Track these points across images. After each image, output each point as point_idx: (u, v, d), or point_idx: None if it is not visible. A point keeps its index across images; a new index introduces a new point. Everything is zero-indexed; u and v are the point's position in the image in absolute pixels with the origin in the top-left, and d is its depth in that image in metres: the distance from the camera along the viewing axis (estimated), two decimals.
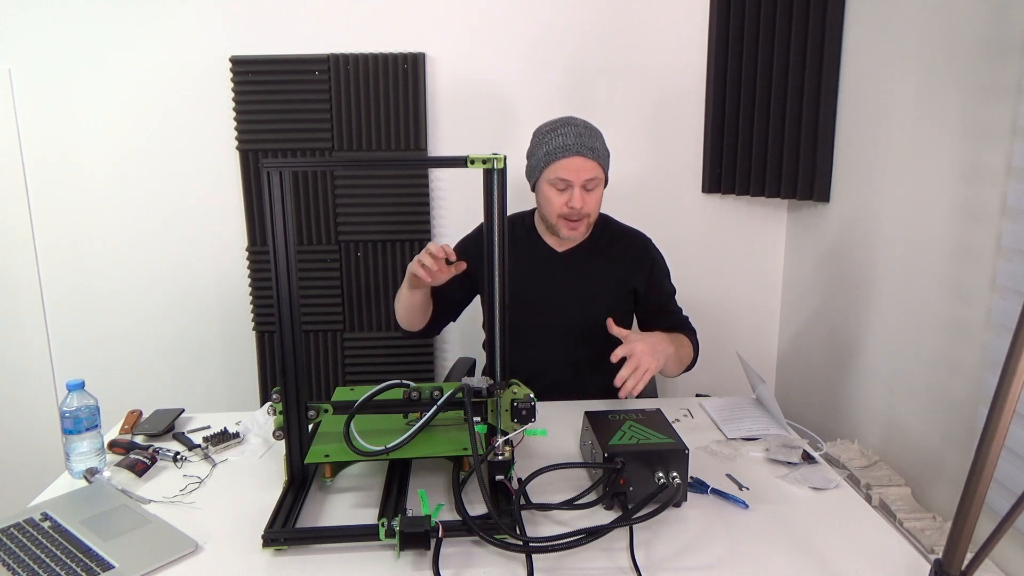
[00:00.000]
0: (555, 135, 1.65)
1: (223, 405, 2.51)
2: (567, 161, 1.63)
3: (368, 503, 1.29)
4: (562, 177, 1.64)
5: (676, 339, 1.69)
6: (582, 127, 1.66)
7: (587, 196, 1.66)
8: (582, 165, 1.63)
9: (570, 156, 1.62)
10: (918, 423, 1.69)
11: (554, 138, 1.65)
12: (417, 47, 2.29)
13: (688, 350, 1.75)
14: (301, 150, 2.33)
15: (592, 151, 1.63)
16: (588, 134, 1.65)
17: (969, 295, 1.51)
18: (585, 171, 1.63)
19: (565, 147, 1.63)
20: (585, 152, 1.62)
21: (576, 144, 1.62)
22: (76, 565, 1.09)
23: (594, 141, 1.65)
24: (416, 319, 1.73)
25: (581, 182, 1.64)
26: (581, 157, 1.62)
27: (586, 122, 1.69)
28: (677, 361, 1.70)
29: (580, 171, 1.63)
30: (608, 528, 1.13)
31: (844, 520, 1.23)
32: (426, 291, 1.66)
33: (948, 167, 1.58)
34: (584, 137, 1.64)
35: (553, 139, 1.65)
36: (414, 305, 1.67)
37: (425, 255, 1.47)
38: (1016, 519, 0.77)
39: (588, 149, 1.63)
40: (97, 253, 2.41)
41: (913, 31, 1.72)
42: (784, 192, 2.22)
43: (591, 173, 1.64)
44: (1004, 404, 0.78)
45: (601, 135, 1.69)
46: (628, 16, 2.30)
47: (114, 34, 2.26)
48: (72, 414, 1.37)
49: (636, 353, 1.49)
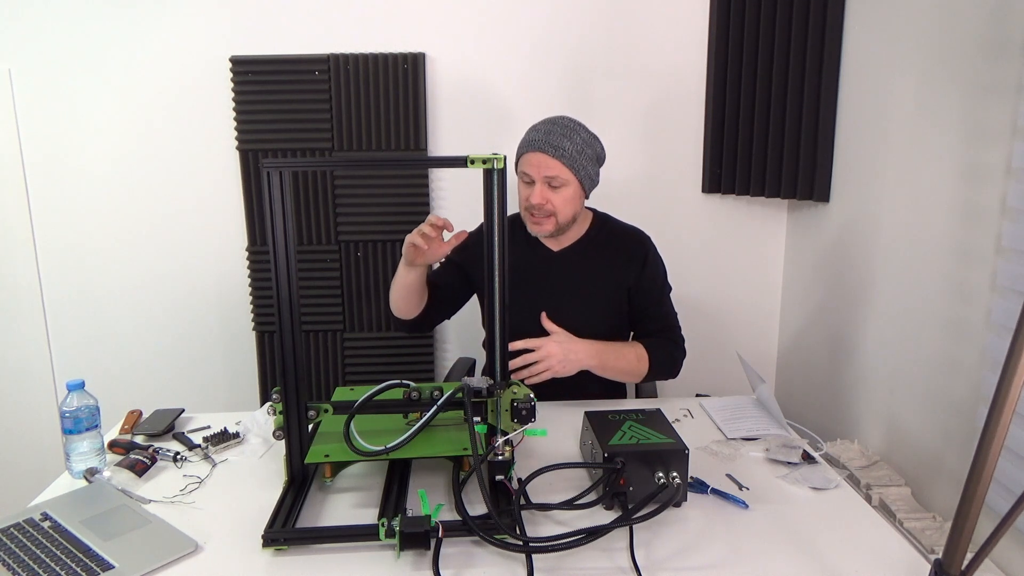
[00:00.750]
0: (530, 131, 1.69)
1: (223, 405, 2.51)
2: (529, 155, 1.66)
3: (368, 503, 1.29)
4: (524, 171, 1.68)
5: (613, 348, 1.68)
6: (558, 126, 1.66)
7: (551, 194, 1.66)
8: (541, 161, 1.64)
9: (533, 151, 1.65)
10: (918, 423, 1.69)
11: (528, 134, 1.68)
12: (417, 47, 2.29)
13: (628, 363, 1.70)
14: (301, 150, 2.33)
15: (555, 149, 1.63)
16: (559, 132, 1.64)
17: (969, 295, 1.51)
18: (545, 167, 1.64)
19: (530, 142, 1.66)
20: (547, 149, 1.63)
21: (541, 140, 1.64)
22: (76, 565, 1.09)
23: (563, 140, 1.64)
24: (411, 302, 1.72)
25: (541, 178, 1.65)
26: (542, 153, 1.63)
27: (570, 123, 1.67)
28: (618, 373, 1.70)
29: (540, 167, 1.64)
30: (608, 528, 1.13)
31: (844, 520, 1.23)
32: (422, 274, 1.67)
33: (948, 167, 1.58)
34: (552, 135, 1.64)
35: (527, 135, 1.69)
36: (410, 285, 1.67)
37: (425, 224, 1.49)
38: (1016, 519, 0.77)
39: (551, 147, 1.63)
40: (97, 253, 2.41)
41: (913, 31, 1.72)
42: (784, 192, 2.22)
43: (552, 171, 1.64)
44: (1004, 404, 0.78)
45: (581, 137, 1.66)
46: (628, 16, 2.30)
47: (114, 34, 2.26)
48: (72, 414, 1.37)
49: (543, 354, 1.56)
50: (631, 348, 1.72)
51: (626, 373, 1.72)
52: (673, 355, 1.78)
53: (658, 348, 1.74)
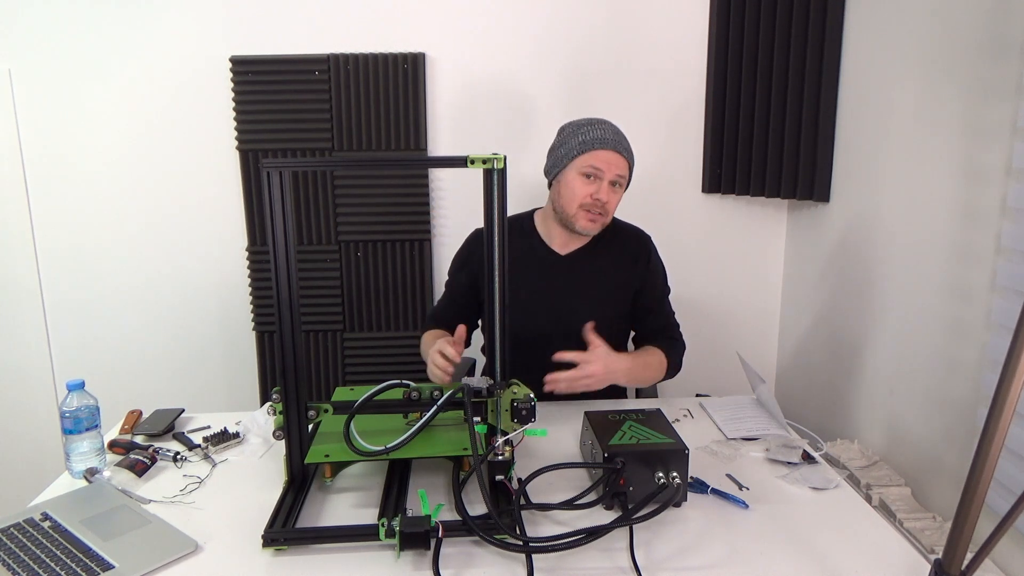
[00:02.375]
0: (592, 128, 1.68)
1: (223, 405, 2.51)
2: (604, 153, 1.66)
3: (368, 503, 1.29)
4: (596, 166, 1.66)
5: (641, 360, 1.71)
6: (616, 128, 1.71)
7: (612, 192, 1.69)
8: (616, 160, 1.67)
9: (607, 149, 1.66)
10: (918, 423, 1.69)
11: (591, 131, 1.68)
12: (417, 47, 2.29)
13: (653, 371, 1.73)
14: (301, 150, 2.33)
15: (627, 151, 1.69)
16: (621, 134, 1.71)
17: (969, 295, 1.51)
18: (617, 167, 1.67)
19: (603, 140, 1.66)
20: (621, 150, 1.68)
21: (613, 140, 1.67)
22: (76, 565, 1.09)
23: (627, 142, 1.71)
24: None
25: (612, 176, 1.67)
26: (616, 153, 1.67)
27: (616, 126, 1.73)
28: (643, 381, 1.75)
29: (613, 165, 1.67)
30: (608, 528, 1.13)
31: (844, 520, 1.23)
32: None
33: (948, 167, 1.58)
34: (620, 137, 1.70)
35: (590, 131, 1.68)
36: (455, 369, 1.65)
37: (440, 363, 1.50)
38: (1016, 519, 0.77)
39: (623, 148, 1.69)
40: (97, 252, 2.41)
41: (913, 31, 1.72)
42: (784, 192, 2.22)
43: (621, 170, 1.68)
44: (1004, 404, 0.78)
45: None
46: (628, 16, 2.30)
47: (114, 34, 2.26)
48: (72, 414, 1.37)
49: (589, 371, 1.53)
50: (654, 356, 1.74)
51: (650, 380, 1.76)
52: (680, 355, 1.81)
53: (672, 351, 1.77)
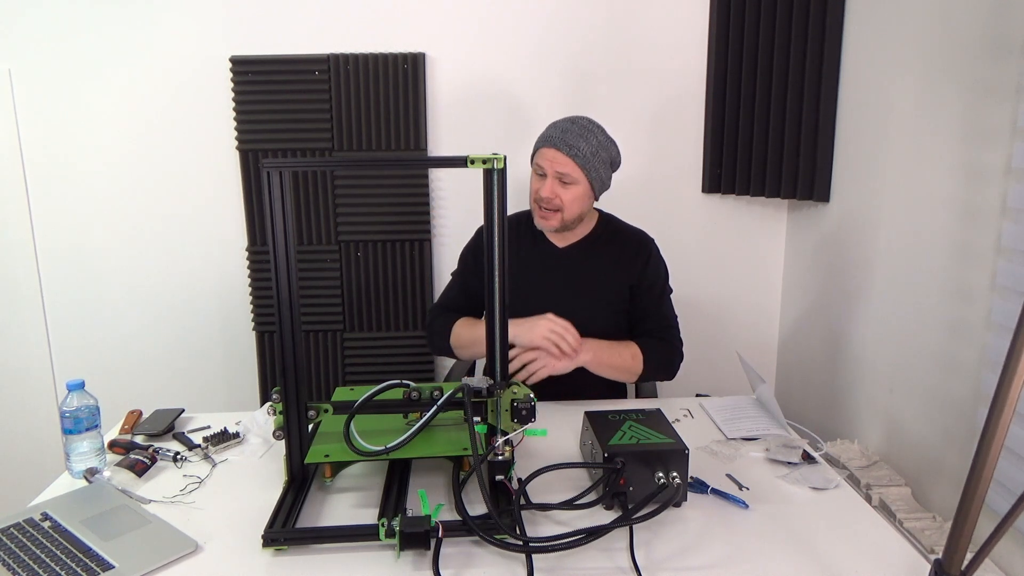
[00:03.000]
0: (550, 126, 1.73)
1: (223, 405, 2.51)
2: (544, 150, 1.71)
3: (368, 503, 1.29)
4: (539, 163, 1.72)
5: (616, 350, 1.71)
6: (576, 125, 1.70)
7: (560, 190, 1.70)
8: (555, 157, 1.68)
9: (548, 147, 1.69)
10: (918, 423, 1.69)
11: (548, 129, 1.73)
12: (417, 47, 2.29)
13: (623, 360, 1.72)
14: (301, 150, 2.33)
15: (570, 147, 1.67)
16: (576, 132, 1.69)
17: (969, 295, 1.51)
18: (558, 164, 1.68)
19: (547, 138, 1.71)
20: (562, 147, 1.67)
21: (557, 137, 1.69)
22: (76, 565, 1.09)
23: (579, 140, 1.68)
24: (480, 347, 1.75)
25: (554, 173, 1.69)
26: (556, 150, 1.68)
27: (589, 124, 1.71)
28: (613, 370, 1.73)
29: (553, 162, 1.69)
30: (608, 528, 1.13)
31: (844, 520, 1.23)
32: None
33: (948, 167, 1.58)
34: (569, 134, 1.69)
35: (547, 129, 1.74)
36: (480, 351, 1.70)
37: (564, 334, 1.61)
38: (1016, 519, 0.77)
39: (566, 145, 1.68)
40: (97, 253, 2.41)
41: (913, 31, 1.72)
42: (784, 192, 2.22)
43: (564, 168, 1.68)
44: (1004, 404, 0.78)
45: (597, 139, 1.70)
46: (628, 16, 2.30)
47: (114, 34, 2.26)
48: (72, 414, 1.37)
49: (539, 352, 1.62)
50: (626, 347, 1.73)
51: (621, 371, 1.74)
52: (669, 357, 1.80)
53: (653, 349, 1.76)
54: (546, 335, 1.63)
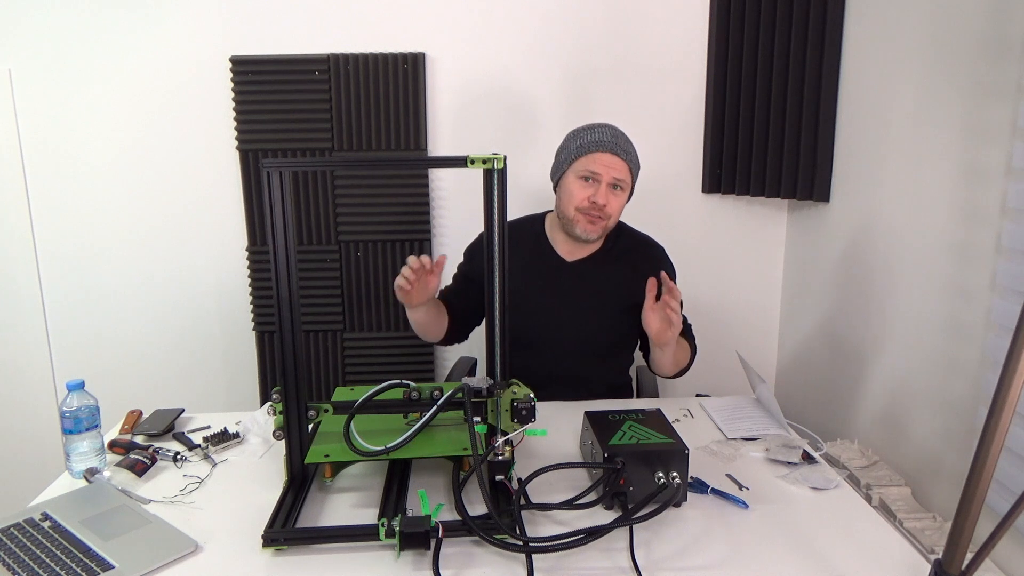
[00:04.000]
0: (592, 132, 1.69)
1: (223, 405, 2.51)
2: (600, 155, 1.65)
3: (368, 503, 1.29)
4: (592, 169, 1.66)
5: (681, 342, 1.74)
6: (619, 131, 1.70)
7: (611, 196, 1.68)
8: (612, 162, 1.65)
9: (604, 152, 1.65)
10: (918, 423, 1.69)
11: (590, 133, 1.68)
12: (417, 47, 2.29)
13: (685, 355, 1.79)
14: (301, 150, 2.33)
15: (626, 153, 1.67)
16: (624, 138, 1.70)
17: (969, 295, 1.51)
18: (615, 169, 1.66)
19: (600, 142, 1.66)
20: (619, 152, 1.66)
21: (611, 142, 1.66)
22: (76, 565, 1.09)
23: (628, 145, 1.69)
24: (431, 331, 1.77)
25: (609, 179, 1.66)
26: (613, 155, 1.65)
27: (624, 132, 1.72)
28: (674, 362, 1.74)
29: (610, 167, 1.65)
30: (608, 528, 1.13)
31: (844, 520, 1.23)
32: (428, 308, 1.68)
33: (948, 167, 1.58)
34: (620, 139, 1.68)
35: (589, 134, 1.68)
36: (419, 320, 1.71)
37: (404, 268, 1.50)
38: (1016, 519, 0.77)
39: (622, 150, 1.67)
40: (97, 253, 2.41)
41: (913, 31, 1.72)
42: (784, 192, 2.22)
43: (620, 173, 1.66)
44: (1004, 404, 0.78)
45: (634, 148, 1.72)
46: (628, 16, 2.30)
47: (114, 34, 2.26)
48: (72, 414, 1.37)
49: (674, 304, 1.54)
50: (683, 340, 1.78)
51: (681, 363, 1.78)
52: (695, 350, 1.85)
53: (691, 343, 1.82)
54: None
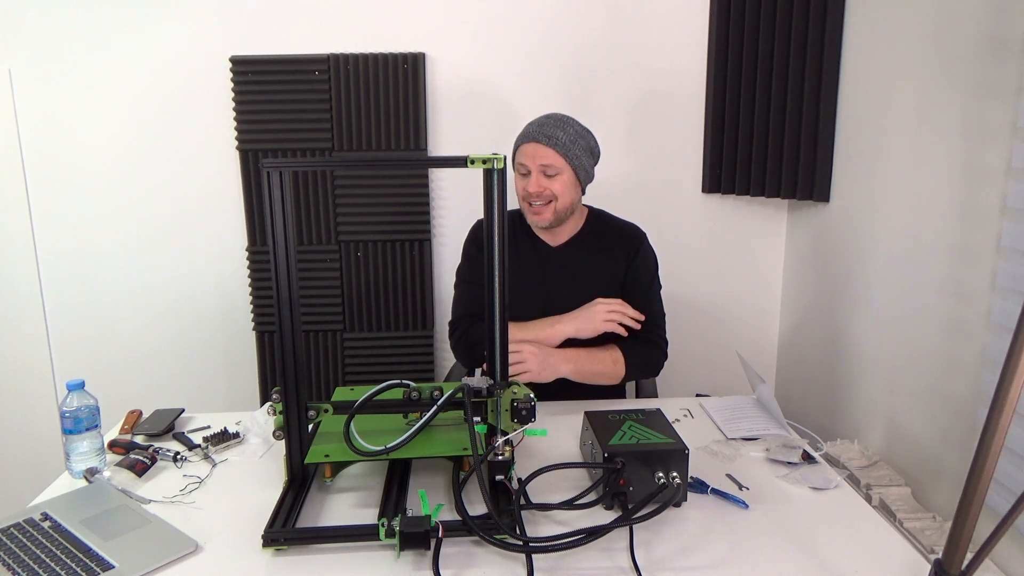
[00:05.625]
0: (526, 126, 1.74)
1: (223, 405, 2.51)
2: (525, 147, 1.72)
3: (368, 503, 1.29)
4: (520, 162, 1.73)
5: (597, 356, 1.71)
6: (551, 118, 1.72)
7: (547, 182, 1.71)
8: (535, 151, 1.69)
9: (528, 142, 1.71)
10: (918, 423, 1.69)
11: (524, 128, 1.74)
12: (417, 47, 2.29)
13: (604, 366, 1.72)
14: (301, 150, 2.33)
15: (548, 138, 1.68)
16: (552, 124, 1.70)
17: (969, 295, 1.51)
18: (540, 156, 1.69)
19: (526, 134, 1.72)
20: (541, 139, 1.69)
21: (535, 132, 1.70)
22: (76, 565, 1.09)
23: (556, 131, 1.69)
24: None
25: (537, 167, 1.70)
26: (536, 143, 1.69)
27: (563, 116, 1.73)
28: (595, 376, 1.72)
29: (534, 156, 1.69)
30: (608, 528, 1.13)
31: (844, 520, 1.23)
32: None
33: (948, 167, 1.58)
34: (545, 126, 1.70)
35: (523, 129, 1.74)
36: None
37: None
38: (1016, 519, 0.77)
39: (544, 136, 1.69)
40: (97, 253, 2.41)
41: (913, 31, 1.72)
42: (784, 192, 2.22)
43: (546, 159, 1.69)
44: (1004, 404, 0.78)
45: (574, 128, 1.72)
46: (628, 16, 2.30)
47: (114, 34, 2.26)
48: (72, 414, 1.37)
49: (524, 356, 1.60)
50: (607, 352, 1.72)
51: (603, 376, 1.73)
52: (650, 356, 1.78)
53: (635, 350, 1.75)
54: (606, 319, 1.67)
